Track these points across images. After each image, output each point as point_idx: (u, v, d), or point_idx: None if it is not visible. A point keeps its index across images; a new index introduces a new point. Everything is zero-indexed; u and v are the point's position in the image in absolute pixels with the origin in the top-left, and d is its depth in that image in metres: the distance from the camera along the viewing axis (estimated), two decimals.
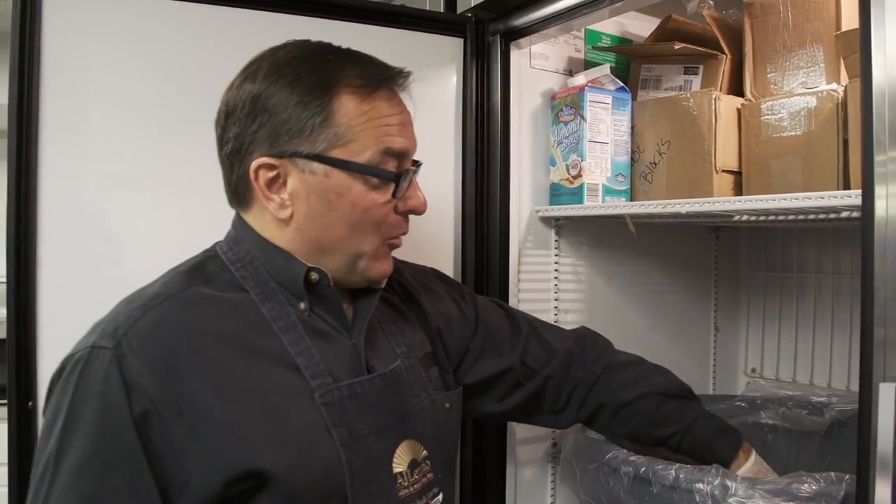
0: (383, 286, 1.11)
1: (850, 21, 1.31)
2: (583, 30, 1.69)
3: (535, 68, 1.64)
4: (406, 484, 1.02)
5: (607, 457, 1.26)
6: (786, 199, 1.14)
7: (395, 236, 1.07)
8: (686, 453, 1.30)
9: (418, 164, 1.08)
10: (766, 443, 1.65)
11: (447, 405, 1.15)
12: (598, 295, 1.75)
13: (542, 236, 1.66)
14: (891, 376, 0.83)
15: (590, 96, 1.54)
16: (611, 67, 1.61)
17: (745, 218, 1.29)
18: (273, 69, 0.99)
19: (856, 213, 1.05)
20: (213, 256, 1.05)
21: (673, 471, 1.15)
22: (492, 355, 1.30)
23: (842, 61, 1.30)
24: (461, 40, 1.58)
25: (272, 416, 0.93)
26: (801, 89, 1.37)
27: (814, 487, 1.05)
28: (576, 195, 1.55)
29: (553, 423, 1.39)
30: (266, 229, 1.03)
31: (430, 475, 1.07)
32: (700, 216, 1.39)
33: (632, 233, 1.49)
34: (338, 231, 1.01)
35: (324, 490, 0.94)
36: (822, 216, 1.18)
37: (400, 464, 1.02)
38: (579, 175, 1.54)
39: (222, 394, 0.91)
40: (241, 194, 1.04)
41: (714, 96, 1.43)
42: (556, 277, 1.67)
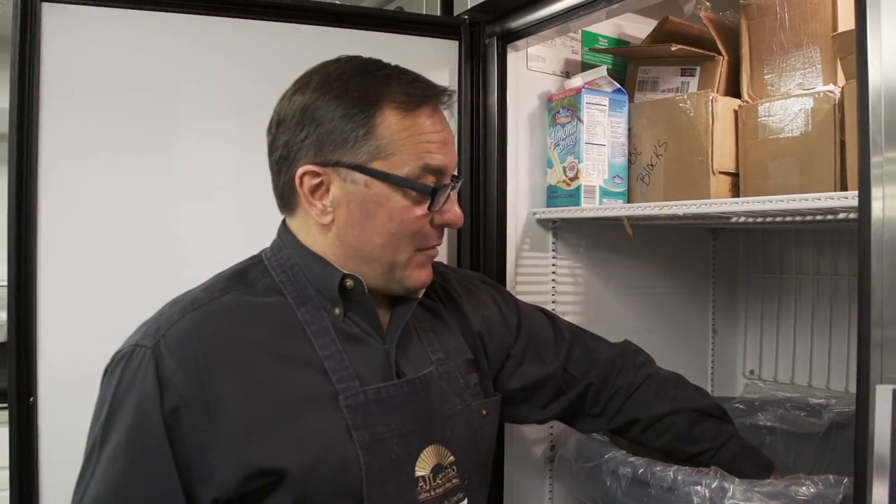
0: (420, 295, 1.14)
1: (846, 22, 1.31)
2: (580, 32, 1.69)
3: (531, 70, 1.64)
4: (427, 488, 1.04)
5: (605, 457, 1.26)
6: (783, 201, 1.15)
7: (431, 247, 1.10)
8: None
9: (459, 179, 1.11)
10: (764, 445, 1.64)
11: (484, 412, 1.18)
12: (596, 297, 1.75)
13: (539, 238, 1.66)
14: (888, 378, 0.83)
15: (587, 98, 1.53)
16: (608, 69, 1.61)
17: (742, 220, 1.29)
18: (323, 82, 1.04)
19: (853, 215, 1.05)
20: (258, 262, 1.11)
21: (671, 472, 1.16)
22: (534, 362, 1.31)
23: (838, 62, 1.30)
24: (456, 43, 1.58)
25: (293, 418, 0.98)
26: (797, 90, 1.37)
27: (812, 490, 1.05)
28: (573, 197, 1.55)
29: (591, 426, 1.39)
30: (309, 235, 1.08)
31: (455, 480, 1.08)
32: (697, 218, 1.39)
33: (629, 235, 1.49)
34: (375, 239, 1.05)
35: (339, 489, 0.98)
36: (819, 218, 1.18)
37: (423, 468, 1.04)
38: (576, 177, 1.54)
39: (247, 395, 0.97)
40: (287, 199, 1.09)
41: (711, 98, 1.43)
42: (553, 279, 1.67)
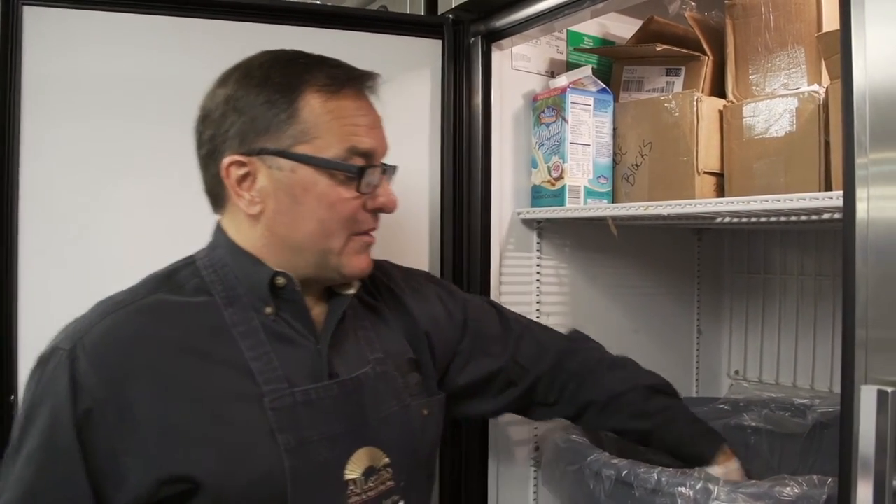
0: (354, 290, 1.13)
1: (831, 22, 1.31)
2: (564, 31, 1.69)
3: (516, 70, 1.63)
4: (358, 491, 1.03)
5: (589, 459, 1.25)
6: (768, 201, 1.15)
7: (365, 231, 1.08)
8: (668, 448, 1.32)
9: (391, 167, 1.10)
10: (748, 445, 1.64)
11: (425, 412, 1.16)
12: (581, 297, 1.75)
13: (523, 238, 1.65)
14: (873, 378, 0.83)
15: (572, 98, 1.53)
16: (593, 69, 1.61)
17: (727, 220, 1.29)
18: (244, 73, 1.04)
19: (837, 215, 1.06)
20: (190, 263, 1.09)
21: (655, 474, 1.15)
22: (483, 356, 1.30)
23: (823, 63, 1.29)
24: (439, 42, 1.57)
25: (213, 422, 0.96)
26: (782, 91, 1.37)
27: (796, 490, 1.04)
28: (557, 197, 1.54)
29: (545, 414, 1.40)
30: (240, 231, 1.07)
31: (389, 483, 1.07)
32: (682, 218, 1.38)
33: (614, 235, 1.49)
34: (306, 226, 1.04)
35: (262, 496, 0.96)
36: (804, 218, 1.18)
37: (354, 471, 1.03)
38: (561, 177, 1.53)
39: (165, 398, 0.94)
40: (217, 195, 1.08)
41: (696, 98, 1.43)
42: (538, 280, 1.67)
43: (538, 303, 1.66)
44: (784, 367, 1.86)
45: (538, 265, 1.67)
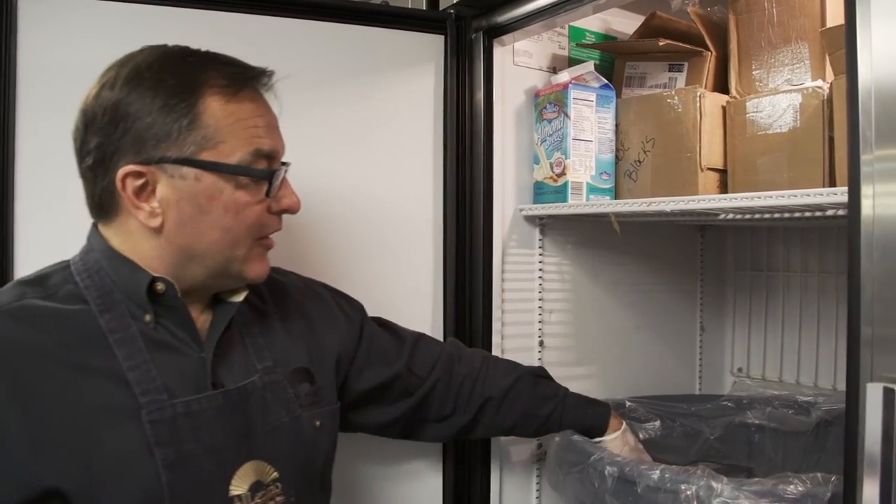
0: (241, 298, 1.09)
1: (835, 17, 1.30)
2: (567, 27, 1.68)
3: (518, 65, 1.62)
4: None
5: (592, 458, 1.25)
6: (771, 197, 1.14)
7: (267, 236, 1.07)
8: (562, 429, 1.38)
9: (287, 164, 1.07)
10: (752, 443, 1.64)
11: (317, 423, 1.12)
12: (584, 294, 1.74)
13: (526, 235, 1.64)
14: (878, 376, 0.82)
15: (574, 94, 1.52)
16: (595, 65, 1.60)
17: (730, 216, 1.28)
18: (132, 74, 0.97)
19: (842, 211, 1.05)
20: (64, 268, 1.03)
21: (658, 471, 1.14)
22: (378, 363, 1.30)
23: (827, 58, 1.29)
24: (441, 37, 1.57)
25: (82, 435, 0.90)
26: (786, 86, 1.36)
27: (800, 488, 1.04)
28: (560, 193, 1.54)
29: (438, 432, 1.38)
30: (128, 240, 1.00)
31: (279, 498, 1.03)
32: (685, 214, 1.37)
33: (617, 231, 1.48)
34: (210, 235, 0.99)
35: None
36: (807, 214, 1.17)
37: (239, 486, 0.98)
38: (563, 173, 1.53)
39: (30, 409, 0.89)
40: (106, 206, 1.00)
41: (699, 93, 1.42)
42: (540, 277, 1.66)
43: (540, 300, 1.66)
44: (787, 365, 1.85)
45: (541, 262, 1.66)
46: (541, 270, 1.66)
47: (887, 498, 0.80)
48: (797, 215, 1.20)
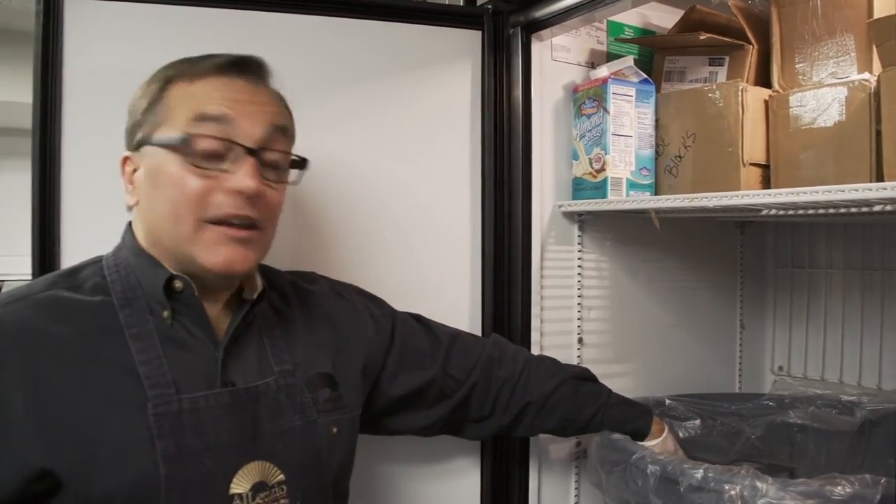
0: (254, 295, 1.10)
1: (882, 8, 1.28)
2: (605, 21, 1.67)
3: (556, 61, 1.61)
4: None
5: (633, 458, 1.23)
6: (818, 192, 1.12)
7: (218, 219, 1.00)
8: (606, 429, 1.37)
9: (255, 150, 1.01)
10: (794, 443, 1.62)
11: (334, 429, 1.12)
12: (622, 291, 1.72)
13: (564, 232, 1.63)
14: None
15: (613, 88, 1.51)
16: (634, 59, 1.58)
17: (772, 212, 1.26)
18: (144, 81, 1.07)
19: (889, 207, 1.02)
20: (96, 262, 1.08)
21: (701, 471, 1.13)
22: (413, 368, 1.29)
23: (874, 49, 1.26)
24: (479, 33, 1.56)
25: (86, 423, 0.92)
26: (831, 80, 1.34)
27: (848, 490, 1.01)
28: (599, 189, 1.52)
29: (477, 431, 1.39)
30: (137, 228, 1.07)
31: (283, 501, 1.02)
32: (727, 210, 1.36)
33: (656, 228, 1.46)
34: (160, 209, 1.01)
35: (133, 502, 0.92)
36: (853, 210, 1.15)
37: (241, 485, 0.98)
38: (603, 169, 1.51)
39: (41, 394, 0.91)
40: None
41: (741, 88, 1.40)
42: (579, 274, 1.65)
43: (579, 297, 1.64)
44: (830, 364, 1.83)
45: (579, 259, 1.65)
46: (580, 267, 1.65)
47: None
48: (842, 211, 1.18)
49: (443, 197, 1.54)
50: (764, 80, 1.48)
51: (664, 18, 1.74)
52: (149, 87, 1.04)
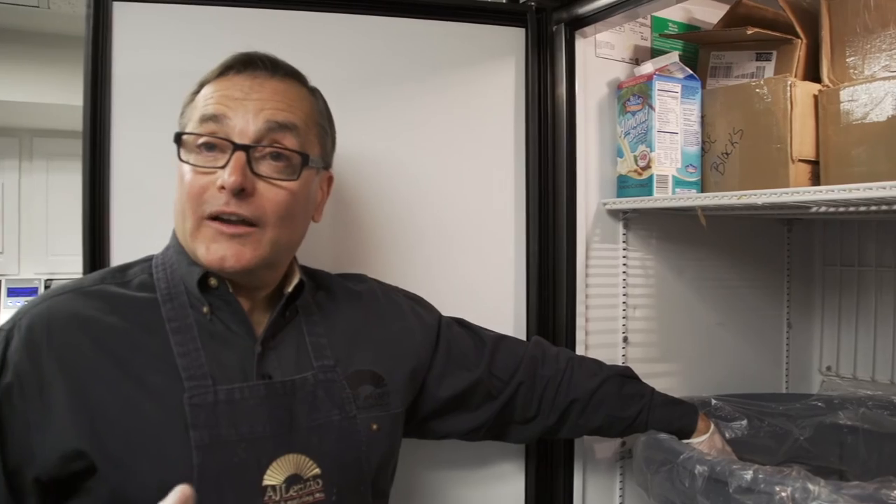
0: (290, 289, 1.11)
1: None
2: (649, 17, 1.65)
3: (600, 57, 1.60)
4: (277, 498, 0.98)
5: (681, 458, 1.22)
6: (871, 189, 1.09)
7: (212, 215, 1.01)
8: (652, 428, 1.35)
9: (242, 146, 1.01)
10: (844, 444, 1.59)
11: (374, 426, 1.12)
12: (668, 290, 1.71)
13: (609, 230, 1.62)
14: None
15: (658, 85, 1.49)
16: (679, 55, 1.56)
17: (822, 209, 1.24)
18: None
19: None
20: (146, 260, 1.12)
21: (751, 472, 1.10)
22: (459, 369, 1.29)
23: None
24: (522, 30, 1.55)
25: (123, 409, 0.95)
26: (884, 73, 1.31)
27: None
28: (645, 187, 1.51)
29: (523, 433, 1.38)
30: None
31: (318, 495, 1.02)
32: (775, 208, 1.34)
33: (702, 226, 1.44)
34: (175, 207, 1.06)
35: (164, 489, 0.91)
36: None
37: (274, 477, 0.99)
38: (648, 166, 1.50)
39: (81, 380, 0.95)
40: None
41: (789, 83, 1.38)
42: (624, 272, 1.63)
43: (624, 295, 1.63)
44: (881, 364, 1.79)
45: (624, 257, 1.63)
46: (624, 265, 1.63)
47: None
48: (895, 208, 1.15)
49: (487, 196, 1.54)
50: (813, 74, 1.46)
51: (709, 13, 1.72)
52: (191, 91, 1.08)
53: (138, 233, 1.30)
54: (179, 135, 1.03)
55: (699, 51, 1.67)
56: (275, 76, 1.07)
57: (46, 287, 3.89)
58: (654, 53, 1.65)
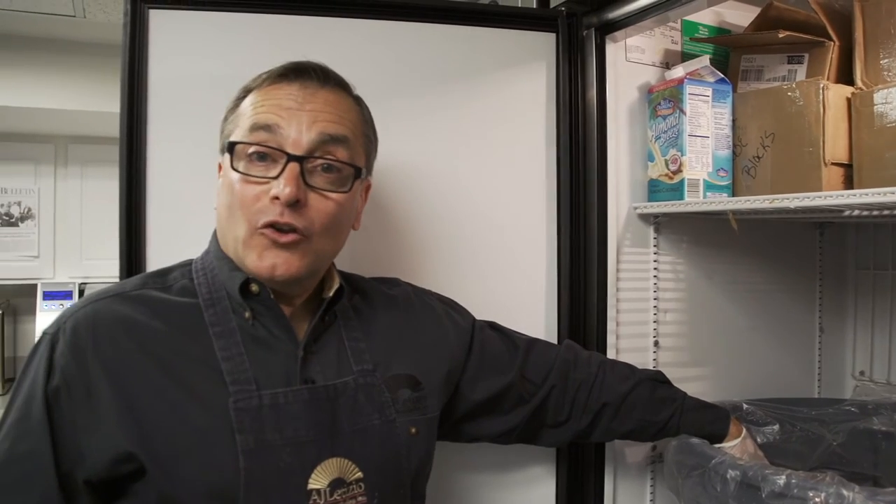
0: (330, 293, 1.12)
1: None
2: (679, 21, 1.65)
3: (630, 62, 1.60)
4: (321, 502, 0.99)
5: (713, 462, 1.21)
6: None
7: (265, 225, 1.01)
8: (684, 432, 1.35)
9: (296, 157, 1.02)
10: (878, 450, 1.57)
11: (413, 430, 1.13)
12: (699, 294, 1.70)
13: (640, 234, 1.62)
14: None
15: (689, 89, 1.49)
16: (709, 59, 1.55)
17: (855, 213, 1.23)
18: None
19: None
20: (185, 265, 1.13)
21: (784, 476, 1.10)
22: (491, 373, 1.29)
23: None
24: (553, 35, 1.56)
25: (170, 412, 0.96)
26: None
27: None
28: (676, 191, 1.51)
29: (555, 437, 1.37)
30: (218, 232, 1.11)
31: (361, 498, 1.03)
32: (808, 211, 1.33)
33: (733, 230, 1.43)
34: (221, 214, 1.07)
35: (211, 492, 0.95)
36: None
37: (318, 481, 1.00)
38: (679, 170, 1.50)
39: (128, 384, 0.96)
40: None
41: (822, 85, 1.37)
42: (655, 276, 1.63)
43: (655, 299, 1.63)
44: None
45: (655, 261, 1.63)
46: (655, 269, 1.63)
47: None
48: None
49: (518, 200, 1.54)
50: (846, 77, 1.45)
51: (740, 17, 1.72)
52: (235, 97, 1.09)
53: (174, 236, 1.32)
54: (232, 144, 1.03)
55: (730, 54, 1.66)
56: (325, 86, 1.08)
57: (81, 291, 3.93)
58: (685, 57, 1.65)
